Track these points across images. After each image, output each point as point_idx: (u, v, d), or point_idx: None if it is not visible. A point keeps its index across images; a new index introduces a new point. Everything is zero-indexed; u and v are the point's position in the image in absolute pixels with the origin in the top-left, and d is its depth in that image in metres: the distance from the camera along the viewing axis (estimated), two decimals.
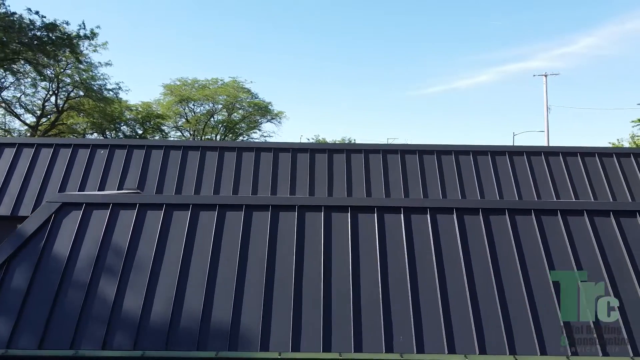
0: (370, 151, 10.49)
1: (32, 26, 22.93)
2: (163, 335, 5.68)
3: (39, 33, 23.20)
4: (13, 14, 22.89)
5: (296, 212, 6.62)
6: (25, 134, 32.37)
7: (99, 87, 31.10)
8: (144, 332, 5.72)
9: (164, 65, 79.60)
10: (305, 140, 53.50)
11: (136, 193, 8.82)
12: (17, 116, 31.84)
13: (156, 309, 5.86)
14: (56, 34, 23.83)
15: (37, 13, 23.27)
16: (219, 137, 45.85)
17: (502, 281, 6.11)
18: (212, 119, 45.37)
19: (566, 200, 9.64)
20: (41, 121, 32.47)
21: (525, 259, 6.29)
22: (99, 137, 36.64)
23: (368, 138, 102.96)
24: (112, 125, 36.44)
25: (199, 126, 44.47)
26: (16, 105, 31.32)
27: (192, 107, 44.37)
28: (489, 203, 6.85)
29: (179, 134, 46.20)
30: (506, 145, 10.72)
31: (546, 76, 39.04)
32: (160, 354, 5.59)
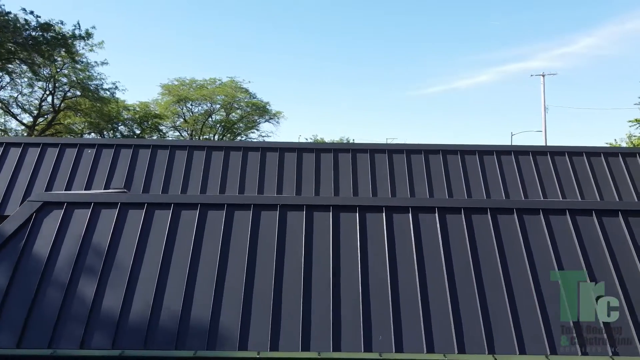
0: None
1: (27, 26, 22.95)
2: (142, 335, 5.67)
3: (33, 33, 23.22)
4: (8, 13, 22.91)
5: (276, 211, 6.61)
6: (22, 133, 32.38)
7: (96, 86, 31.11)
8: (123, 331, 5.71)
9: (163, 65, 79.79)
10: (303, 140, 53.51)
11: (122, 192, 8.81)
12: (14, 116, 31.85)
13: (135, 308, 5.85)
14: (51, 33, 23.84)
15: (31, 13, 23.34)
16: (217, 137, 45.86)
17: (483, 280, 6.09)
18: (210, 119, 45.39)
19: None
20: (38, 121, 32.48)
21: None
22: (96, 137, 36.65)
23: (367, 138, 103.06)
24: (110, 125, 36.45)
25: (196, 126, 44.49)
26: (13, 105, 31.35)
27: (190, 107, 44.41)
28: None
29: (177, 133, 46.23)
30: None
31: (544, 76, 39.05)
32: (138, 353, 5.58)
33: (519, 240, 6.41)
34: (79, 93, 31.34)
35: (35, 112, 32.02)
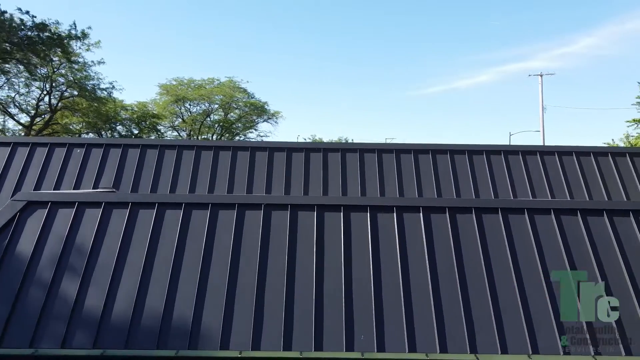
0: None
1: (22, 26, 22.92)
2: (123, 334, 5.66)
3: (29, 33, 23.18)
4: (4, 12, 22.88)
5: (260, 211, 6.60)
6: (20, 133, 32.37)
7: (93, 86, 31.08)
8: (104, 331, 5.70)
9: (162, 65, 79.77)
10: (301, 140, 53.48)
11: (111, 192, 8.80)
12: (11, 116, 31.84)
13: (118, 308, 5.84)
14: (46, 34, 23.81)
15: (27, 13, 23.30)
16: (215, 137, 45.86)
17: (466, 279, 6.08)
18: (208, 118, 45.37)
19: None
20: (35, 121, 32.45)
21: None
22: (95, 137, 36.62)
23: (367, 138, 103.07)
24: (107, 125, 36.42)
25: (195, 126, 44.47)
26: (10, 105, 31.33)
27: (188, 107, 44.39)
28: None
29: (175, 133, 46.20)
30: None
31: (541, 76, 39.04)
32: (119, 352, 5.57)
33: (503, 240, 6.40)
34: (76, 93, 31.32)
35: (33, 112, 32.01)
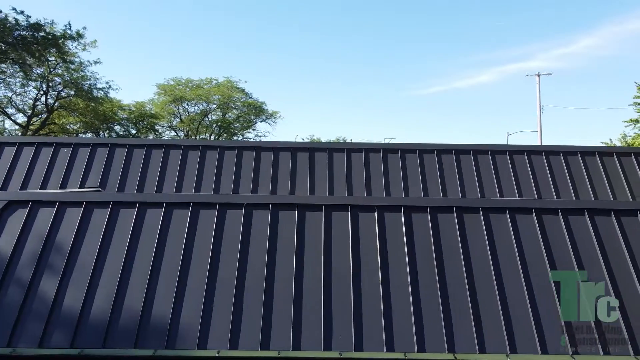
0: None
1: (17, 26, 22.94)
2: (101, 334, 5.66)
3: (23, 33, 23.19)
4: None
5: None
6: (17, 133, 32.39)
7: (89, 86, 31.09)
8: (82, 330, 5.70)
9: (161, 65, 79.75)
10: (300, 140, 53.47)
11: (97, 191, 8.82)
12: (8, 116, 31.86)
13: (96, 307, 5.84)
14: (41, 34, 23.81)
15: (22, 13, 23.30)
16: (213, 136, 45.89)
17: (446, 279, 6.08)
18: (206, 118, 45.37)
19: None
20: (32, 121, 32.47)
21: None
22: (92, 137, 36.62)
23: (366, 138, 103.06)
24: (105, 125, 36.43)
25: (193, 126, 44.48)
26: (7, 105, 31.34)
27: (186, 106, 44.41)
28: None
29: (173, 133, 46.22)
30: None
31: (539, 76, 39.01)
32: (97, 352, 5.57)
33: (484, 239, 6.39)
34: (72, 93, 31.34)
35: (30, 112, 32.03)
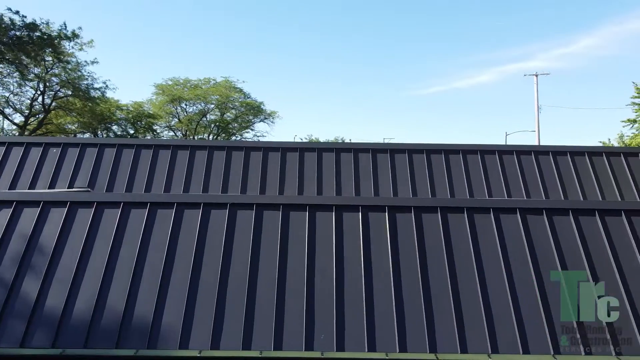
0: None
1: (12, 26, 22.94)
2: (83, 334, 5.66)
3: (19, 33, 23.19)
4: None
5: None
6: (14, 133, 32.41)
7: (86, 86, 31.09)
8: (64, 330, 5.69)
9: (162, 65, 79.84)
10: (298, 140, 53.43)
11: (86, 191, 8.81)
12: (5, 116, 31.87)
13: (78, 307, 5.84)
14: (37, 33, 23.82)
15: (17, 13, 23.30)
16: (211, 136, 45.88)
17: (429, 278, 6.07)
18: (204, 118, 45.37)
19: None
20: (30, 121, 32.48)
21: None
22: (90, 137, 36.63)
23: (365, 138, 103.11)
24: (102, 125, 36.44)
25: (191, 126, 44.48)
26: (5, 105, 31.35)
27: (184, 107, 44.41)
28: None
29: (171, 133, 46.24)
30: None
31: (537, 76, 39.02)
32: (79, 352, 5.57)
33: (467, 239, 6.39)
34: (70, 93, 31.34)
35: (27, 111, 32.03)
